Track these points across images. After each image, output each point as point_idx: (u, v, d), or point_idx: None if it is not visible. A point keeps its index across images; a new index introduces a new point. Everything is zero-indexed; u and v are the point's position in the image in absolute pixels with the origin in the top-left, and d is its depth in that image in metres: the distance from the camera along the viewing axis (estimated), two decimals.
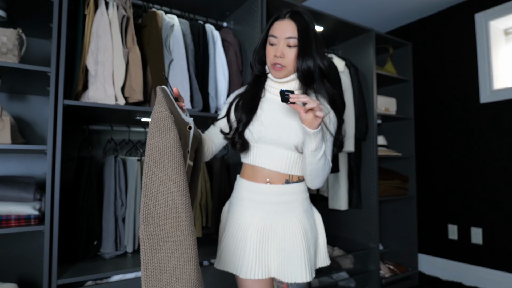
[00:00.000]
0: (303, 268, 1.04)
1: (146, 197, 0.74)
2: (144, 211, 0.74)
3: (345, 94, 2.28)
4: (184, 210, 0.76)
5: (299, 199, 1.12)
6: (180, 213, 0.75)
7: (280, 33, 1.07)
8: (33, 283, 1.69)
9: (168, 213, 0.75)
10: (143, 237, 0.73)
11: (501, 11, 2.50)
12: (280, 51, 1.06)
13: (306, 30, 1.06)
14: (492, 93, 2.53)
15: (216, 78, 1.84)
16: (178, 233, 0.74)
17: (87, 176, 1.60)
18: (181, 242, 0.74)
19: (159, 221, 0.74)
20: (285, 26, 1.07)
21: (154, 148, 0.77)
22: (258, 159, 1.11)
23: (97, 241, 1.61)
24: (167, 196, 0.75)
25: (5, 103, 1.71)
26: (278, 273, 1.06)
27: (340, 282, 2.17)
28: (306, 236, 1.07)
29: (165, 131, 0.79)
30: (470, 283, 2.56)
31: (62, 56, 1.35)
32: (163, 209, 0.74)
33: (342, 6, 2.83)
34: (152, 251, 0.72)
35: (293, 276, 1.03)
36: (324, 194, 2.43)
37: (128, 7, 1.60)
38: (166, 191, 0.76)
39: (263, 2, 1.85)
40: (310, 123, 0.96)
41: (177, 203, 0.76)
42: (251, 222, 1.09)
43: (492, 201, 2.49)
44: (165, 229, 0.74)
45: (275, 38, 1.08)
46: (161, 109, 0.81)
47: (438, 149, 2.87)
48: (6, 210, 1.33)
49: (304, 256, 1.04)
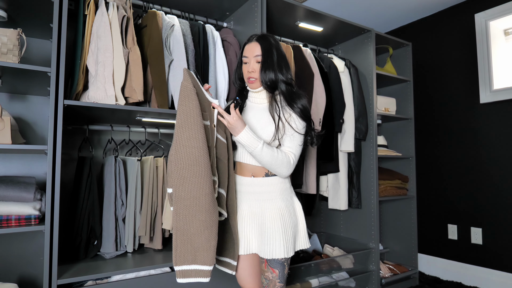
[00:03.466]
0: (280, 247, 1.23)
1: (176, 149, 1.08)
2: (175, 159, 1.08)
3: (345, 94, 2.29)
4: (202, 160, 1.08)
5: (277, 189, 1.32)
6: (199, 162, 1.08)
7: (250, 53, 1.32)
8: (33, 283, 1.70)
9: (191, 161, 1.07)
10: (175, 175, 1.08)
11: (501, 11, 2.50)
12: (251, 67, 1.31)
13: (269, 49, 1.31)
14: (492, 93, 2.53)
15: (216, 78, 1.84)
16: (197, 175, 1.08)
17: (88, 176, 1.60)
18: (200, 181, 1.08)
19: (185, 165, 1.07)
20: (253, 47, 1.32)
21: (182, 113, 1.09)
22: (243, 156, 1.34)
23: (98, 241, 1.61)
24: (190, 150, 1.08)
25: (6, 103, 1.71)
26: (259, 251, 1.27)
27: (340, 282, 2.17)
28: (283, 220, 1.27)
29: (189, 101, 1.09)
30: (470, 283, 2.57)
31: (62, 56, 1.35)
32: (188, 158, 1.07)
33: (342, 6, 2.83)
34: (179, 185, 1.07)
35: (271, 253, 1.24)
36: (324, 194, 2.43)
37: (128, 7, 1.60)
38: (190, 146, 1.08)
39: (263, 2, 1.85)
40: (231, 127, 1.23)
41: (197, 155, 1.08)
42: (240, 210, 1.34)
43: (492, 201, 2.49)
44: (189, 171, 1.07)
45: (246, 58, 1.33)
46: (186, 84, 1.11)
47: (438, 149, 2.88)
48: (7, 210, 1.33)
49: (280, 237, 1.24)
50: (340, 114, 2.23)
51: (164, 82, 1.62)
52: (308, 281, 2.05)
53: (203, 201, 1.08)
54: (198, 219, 1.08)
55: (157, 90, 1.60)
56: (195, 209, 1.08)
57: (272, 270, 1.27)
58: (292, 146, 1.29)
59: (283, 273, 1.28)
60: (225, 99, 1.85)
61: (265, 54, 1.30)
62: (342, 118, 2.24)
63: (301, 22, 2.20)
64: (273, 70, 1.29)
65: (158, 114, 1.62)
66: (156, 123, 1.89)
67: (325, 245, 2.56)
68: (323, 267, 2.13)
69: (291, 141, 1.29)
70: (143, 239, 1.69)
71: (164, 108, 1.60)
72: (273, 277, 1.27)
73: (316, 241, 2.59)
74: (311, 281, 2.06)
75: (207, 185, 1.09)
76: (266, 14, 1.89)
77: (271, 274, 1.27)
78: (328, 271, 2.16)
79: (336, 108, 2.21)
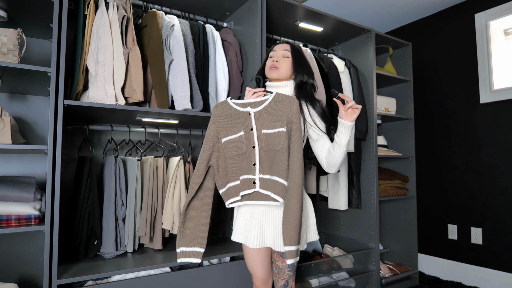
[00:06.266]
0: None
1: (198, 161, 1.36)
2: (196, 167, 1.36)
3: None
4: (196, 172, 1.36)
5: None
6: (195, 173, 1.37)
7: (278, 48, 1.47)
8: (33, 283, 1.70)
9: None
10: (192, 182, 1.36)
11: (501, 11, 2.50)
12: (277, 57, 1.44)
13: (299, 51, 1.48)
14: (492, 93, 2.53)
15: (216, 78, 1.84)
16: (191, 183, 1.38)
17: (88, 176, 1.60)
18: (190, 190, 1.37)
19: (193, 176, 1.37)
20: (282, 45, 1.48)
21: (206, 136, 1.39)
22: None
23: (98, 241, 1.61)
24: (199, 161, 1.36)
25: (6, 103, 1.71)
26: (272, 244, 1.30)
27: (340, 282, 2.17)
28: None
29: (208, 130, 1.38)
30: (470, 283, 2.57)
31: (62, 56, 1.35)
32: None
33: (342, 6, 2.83)
34: (190, 192, 1.36)
35: (282, 246, 1.27)
36: (324, 194, 2.43)
37: (128, 7, 1.60)
38: (200, 159, 1.36)
39: (263, 2, 1.85)
40: (348, 115, 1.29)
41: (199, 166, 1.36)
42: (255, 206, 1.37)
43: (492, 201, 2.49)
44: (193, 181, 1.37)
45: (274, 52, 1.47)
46: (209, 125, 1.39)
47: (438, 149, 2.88)
48: (7, 210, 1.33)
49: None
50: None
51: (164, 82, 1.62)
52: (308, 281, 2.05)
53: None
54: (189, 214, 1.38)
55: (157, 90, 1.60)
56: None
57: (282, 260, 1.35)
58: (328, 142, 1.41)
59: (292, 263, 1.34)
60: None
61: (296, 55, 1.45)
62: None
63: (301, 22, 2.20)
64: (304, 73, 1.44)
65: (158, 114, 1.62)
66: (156, 123, 1.89)
67: (325, 245, 2.56)
68: (323, 267, 2.13)
69: (326, 138, 1.41)
70: (143, 239, 1.69)
71: (164, 108, 1.60)
72: (283, 266, 1.36)
73: (316, 241, 2.59)
74: (311, 281, 2.06)
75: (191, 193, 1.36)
76: (266, 14, 1.89)
77: (281, 264, 1.36)
78: (328, 271, 2.16)
79: (336, 108, 2.21)
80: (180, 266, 1.65)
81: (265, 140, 1.28)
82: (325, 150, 1.39)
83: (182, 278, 1.55)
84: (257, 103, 1.32)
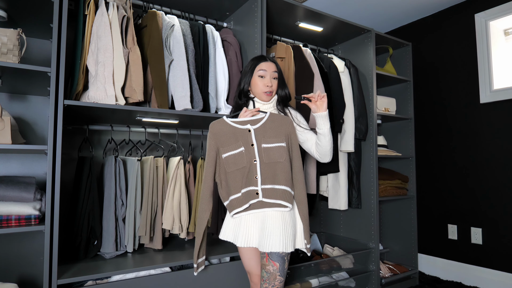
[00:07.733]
0: (279, 242, 1.30)
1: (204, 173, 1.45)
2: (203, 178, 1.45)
3: (345, 94, 2.29)
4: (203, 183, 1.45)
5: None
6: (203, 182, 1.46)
7: (268, 68, 1.51)
8: (33, 283, 1.70)
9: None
10: (202, 188, 1.44)
11: (501, 11, 2.50)
12: (269, 81, 1.50)
13: (280, 70, 1.58)
14: (492, 93, 2.53)
15: (216, 78, 1.84)
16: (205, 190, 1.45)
17: (88, 176, 1.60)
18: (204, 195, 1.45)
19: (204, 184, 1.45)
20: (270, 65, 1.52)
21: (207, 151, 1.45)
22: None
23: (98, 241, 1.61)
24: (205, 175, 1.44)
25: (6, 103, 1.71)
26: (259, 245, 1.34)
27: (340, 282, 2.17)
28: (284, 220, 1.35)
29: (209, 146, 1.43)
30: (470, 283, 2.57)
31: (62, 56, 1.35)
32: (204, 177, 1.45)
33: (342, 6, 2.83)
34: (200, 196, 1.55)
35: (270, 247, 1.30)
36: (324, 194, 2.43)
37: (128, 7, 1.60)
38: (205, 173, 1.44)
39: (263, 2, 1.85)
40: (319, 107, 1.44)
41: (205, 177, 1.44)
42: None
43: (492, 201, 2.49)
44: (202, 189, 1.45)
45: (264, 71, 1.50)
46: (209, 141, 1.44)
47: (438, 149, 2.88)
48: (7, 210, 1.33)
49: (280, 234, 1.31)
50: (340, 114, 2.23)
51: (164, 82, 1.62)
52: (308, 281, 2.05)
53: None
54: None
55: (157, 90, 1.60)
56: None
57: (273, 263, 1.33)
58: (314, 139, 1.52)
59: (283, 267, 1.33)
60: (225, 99, 1.85)
61: (280, 73, 1.55)
62: (342, 118, 2.24)
63: (301, 22, 2.20)
64: (285, 87, 1.58)
65: (158, 114, 1.63)
66: (156, 123, 1.89)
67: (325, 245, 2.56)
68: (323, 267, 2.13)
69: (313, 136, 1.52)
70: (143, 239, 1.69)
71: (164, 108, 1.60)
72: (274, 270, 1.33)
73: (316, 241, 2.59)
74: (311, 281, 2.06)
75: (206, 200, 1.45)
76: (266, 14, 1.89)
77: (272, 267, 1.33)
78: (328, 271, 2.16)
79: (336, 108, 2.21)
80: (180, 266, 1.65)
81: (265, 153, 1.38)
82: (313, 144, 1.51)
83: (182, 278, 1.55)
84: (255, 121, 1.43)
